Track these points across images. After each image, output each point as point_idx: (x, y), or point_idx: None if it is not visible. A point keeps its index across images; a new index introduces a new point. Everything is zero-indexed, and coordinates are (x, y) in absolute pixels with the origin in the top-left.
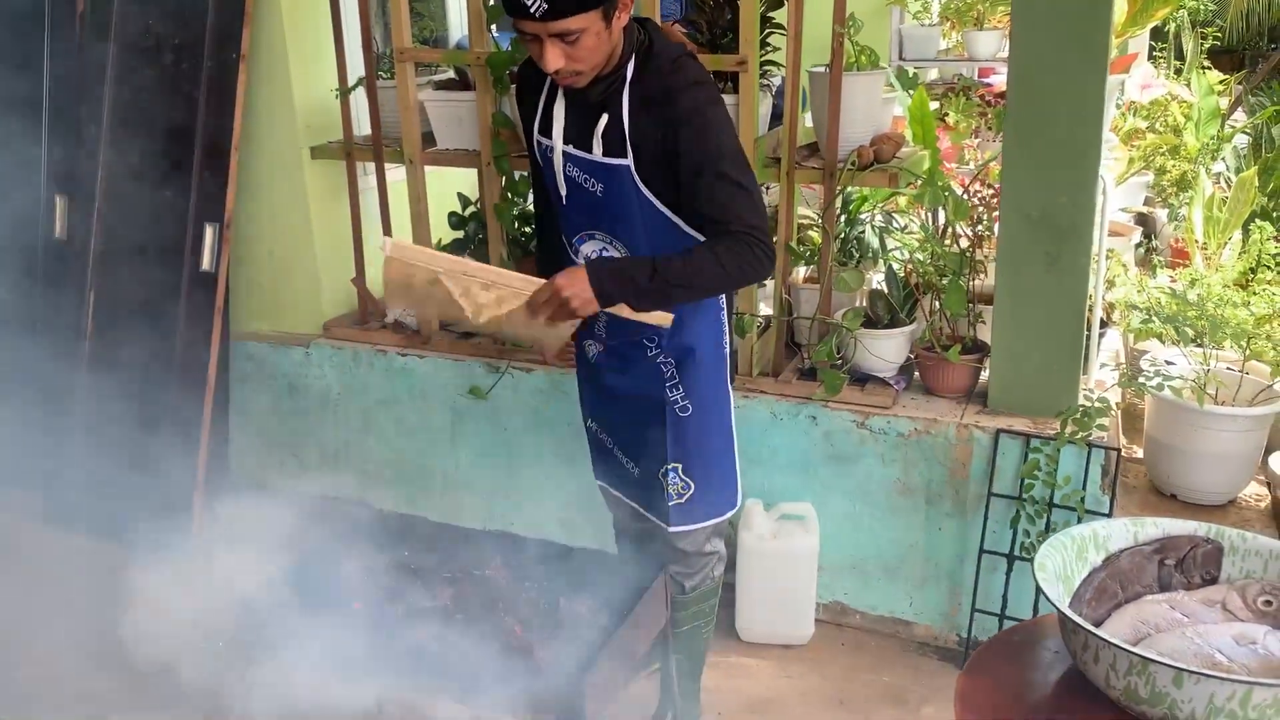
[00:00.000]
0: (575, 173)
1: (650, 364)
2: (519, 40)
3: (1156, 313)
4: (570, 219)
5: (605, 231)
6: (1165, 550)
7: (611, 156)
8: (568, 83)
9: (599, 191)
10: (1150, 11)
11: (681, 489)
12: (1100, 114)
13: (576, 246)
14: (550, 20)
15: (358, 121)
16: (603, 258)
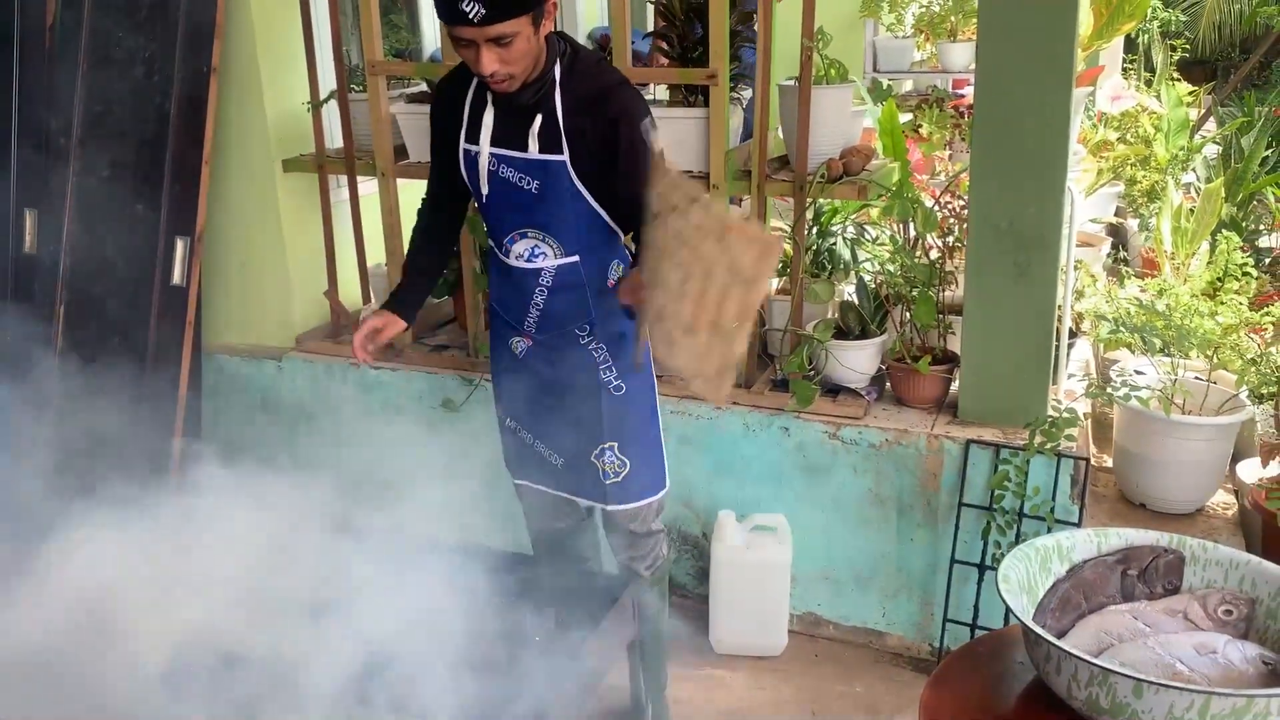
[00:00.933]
0: (509, 173)
1: (583, 351)
2: (453, 47)
3: (1124, 323)
4: (501, 219)
5: (537, 228)
6: (1128, 560)
7: (547, 153)
8: (501, 87)
9: (534, 189)
10: (1116, 25)
11: (618, 467)
12: (1066, 126)
13: (508, 246)
14: (486, 25)
15: (330, 134)
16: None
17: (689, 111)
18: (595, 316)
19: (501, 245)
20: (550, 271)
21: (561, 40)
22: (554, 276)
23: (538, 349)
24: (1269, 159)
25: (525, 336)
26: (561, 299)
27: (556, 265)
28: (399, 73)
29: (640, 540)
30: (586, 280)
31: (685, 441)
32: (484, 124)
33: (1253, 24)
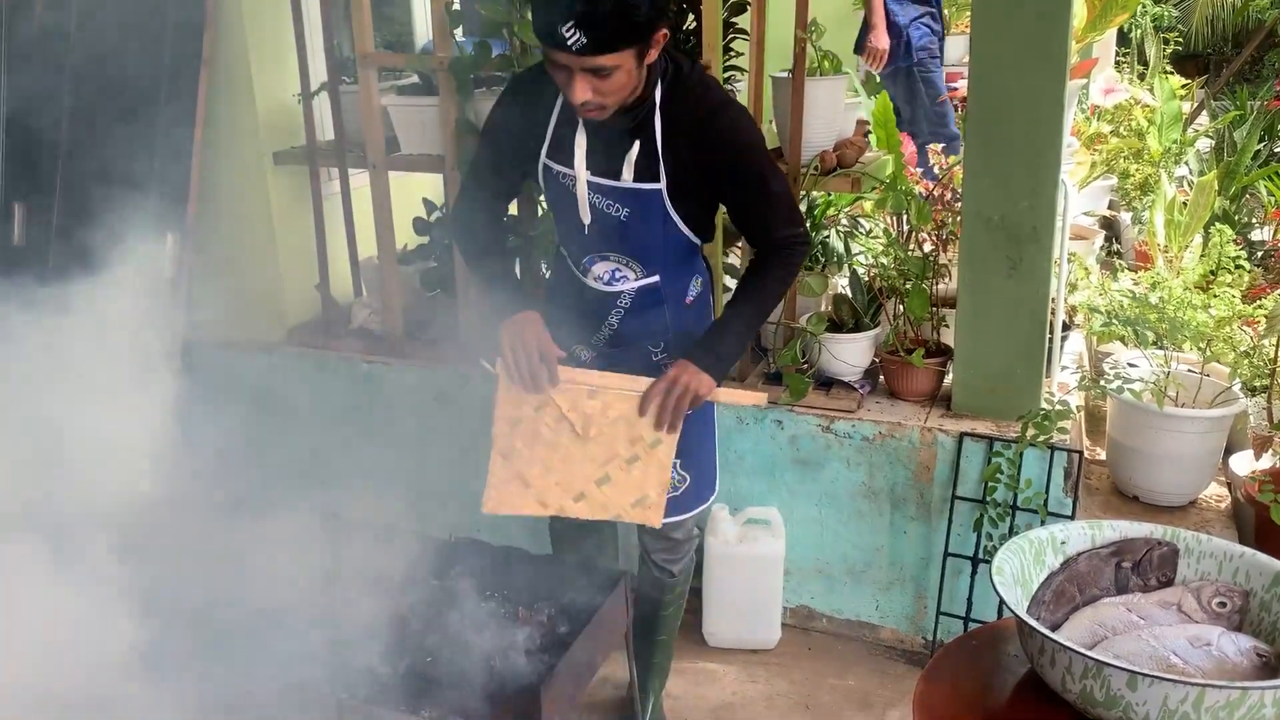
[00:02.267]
0: (595, 198)
1: (654, 367)
2: (545, 65)
3: (1117, 316)
4: (586, 242)
5: (621, 254)
6: (1122, 553)
7: (643, 182)
8: (589, 115)
9: (623, 216)
10: (1109, 17)
11: (678, 482)
12: (1060, 119)
13: (587, 266)
14: (586, 55)
15: (321, 126)
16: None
17: None
18: (672, 335)
19: (580, 264)
20: (630, 294)
21: (664, 58)
22: (633, 298)
23: (602, 362)
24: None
25: (591, 349)
26: (638, 319)
27: (637, 287)
28: (391, 64)
29: (680, 544)
30: (666, 299)
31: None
32: (576, 144)
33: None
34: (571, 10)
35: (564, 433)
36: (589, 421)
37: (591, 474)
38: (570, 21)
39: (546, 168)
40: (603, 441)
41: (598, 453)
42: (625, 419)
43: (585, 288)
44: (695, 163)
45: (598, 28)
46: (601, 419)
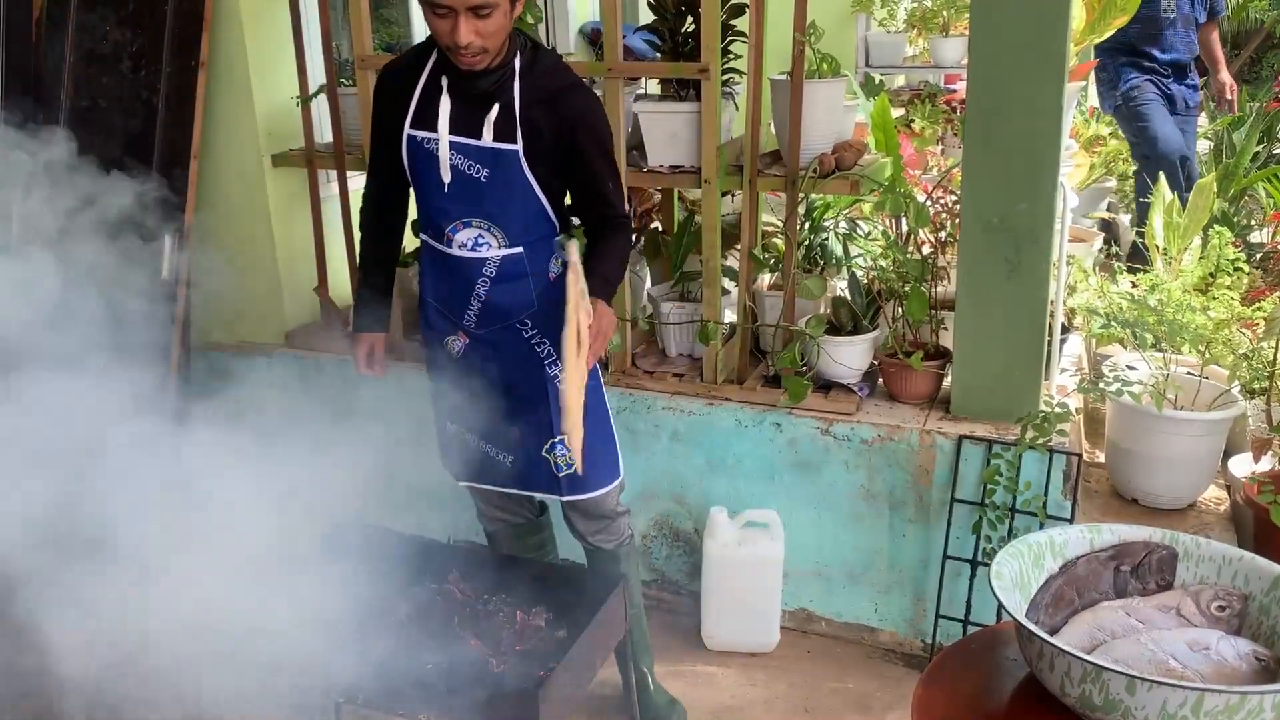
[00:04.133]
0: (459, 161)
1: (526, 346)
2: (428, 17)
3: (1116, 318)
4: (448, 208)
5: (483, 217)
6: (1121, 556)
7: (501, 142)
8: (471, 61)
9: (483, 177)
10: (1108, 20)
11: (570, 459)
12: (1059, 121)
13: (450, 236)
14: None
15: (319, 128)
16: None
17: (680, 106)
18: (539, 309)
19: (443, 235)
20: (495, 262)
21: (522, 35)
22: (498, 267)
23: (477, 346)
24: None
25: (462, 334)
26: (504, 291)
27: (501, 255)
28: None
29: (606, 522)
30: (530, 272)
31: (677, 438)
32: (440, 111)
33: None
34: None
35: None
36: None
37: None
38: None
39: (411, 138)
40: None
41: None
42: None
43: (451, 260)
44: (549, 131)
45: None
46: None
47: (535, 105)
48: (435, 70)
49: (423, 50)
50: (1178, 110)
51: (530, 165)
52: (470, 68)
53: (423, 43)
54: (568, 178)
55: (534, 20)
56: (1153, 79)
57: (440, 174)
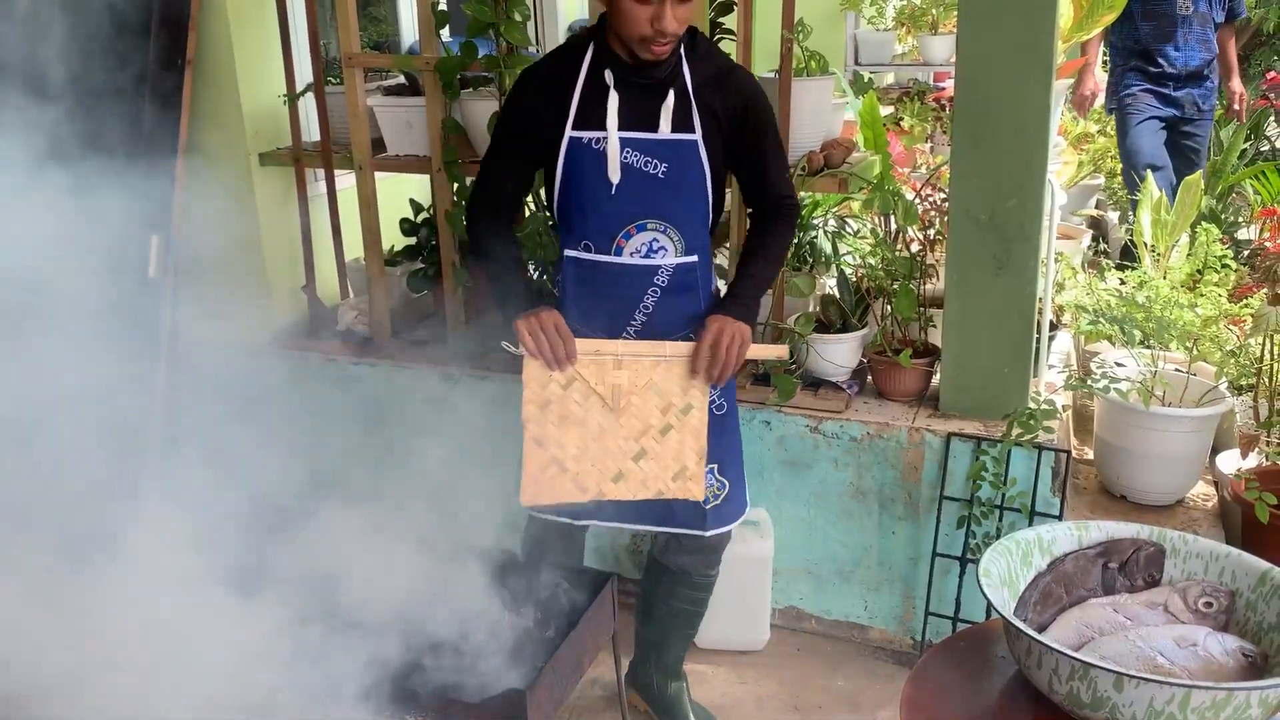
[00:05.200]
0: (634, 158)
1: None
2: (630, 4)
3: (1104, 315)
4: (623, 210)
5: (659, 218)
6: (1109, 553)
7: (680, 132)
8: (662, 51)
9: (661, 173)
10: (1096, 17)
11: (718, 490)
12: (1047, 119)
13: (622, 242)
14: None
15: (307, 126)
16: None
17: None
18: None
19: (612, 243)
20: (668, 270)
21: None
22: (670, 276)
23: None
24: (1247, 151)
25: None
26: (673, 304)
27: (675, 264)
28: (376, 65)
29: (716, 553)
30: (700, 284)
31: None
32: (609, 108)
33: None
34: None
35: (594, 409)
36: (618, 393)
37: (627, 449)
38: None
39: (574, 141)
40: (634, 413)
41: (631, 425)
42: (655, 387)
43: (614, 271)
44: (722, 112)
45: None
46: (630, 389)
47: (706, 88)
48: (595, 66)
49: (570, 50)
50: (1187, 115)
51: (707, 155)
52: (658, 57)
53: (565, 44)
54: (735, 163)
55: (522, 18)
56: (1153, 89)
57: (609, 174)
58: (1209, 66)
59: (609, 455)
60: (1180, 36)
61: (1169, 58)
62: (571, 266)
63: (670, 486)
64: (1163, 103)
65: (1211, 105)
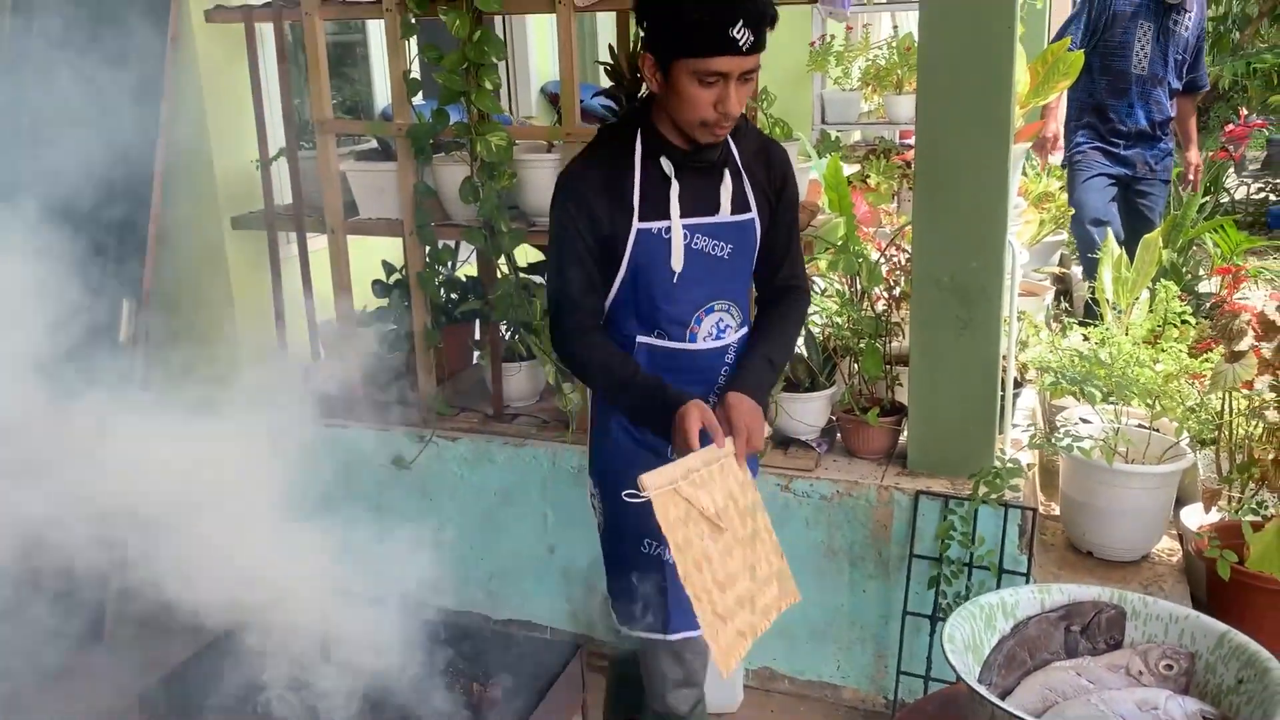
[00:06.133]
0: (702, 243)
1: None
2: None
3: (1064, 374)
4: (692, 297)
5: (725, 298)
6: (1071, 616)
7: (739, 213)
8: (724, 133)
9: (726, 254)
10: (1051, 83)
11: None
12: (1005, 182)
13: (695, 327)
14: (753, 54)
15: (279, 190)
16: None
17: None
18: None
19: (687, 329)
20: (734, 347)
21: None
22: (736, 351)
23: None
24: (1207, 205)
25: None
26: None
27: (738, 339)
28: (349, 131)
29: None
30: None
31: None
32: (672, 197)
33: None
34: (741, 11)
35: (707, 535)
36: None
37: (742, 568)
38: (740, 20)
39: (643, 233)
40: (729, 525)
41: (731, 541)
42: (729, 493)
43: (693, 357)
44: (767, 185)
45: (763, 20)
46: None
47: (753, 162)
48: (647, 153)
49: (615, 141)
50: (1139, 174)
51: (760, 230)
52: (718, 140)
53: (606, 135)
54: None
55: (493, 86)
56: (1103, 146)
57: (671, 263)
58: (1162, 129)
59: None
60: (1134, 95)
61: (1120, 115)
62: (645, 354)
63: (779, 599)
64: (1112, 161)
65: (1166, 167)
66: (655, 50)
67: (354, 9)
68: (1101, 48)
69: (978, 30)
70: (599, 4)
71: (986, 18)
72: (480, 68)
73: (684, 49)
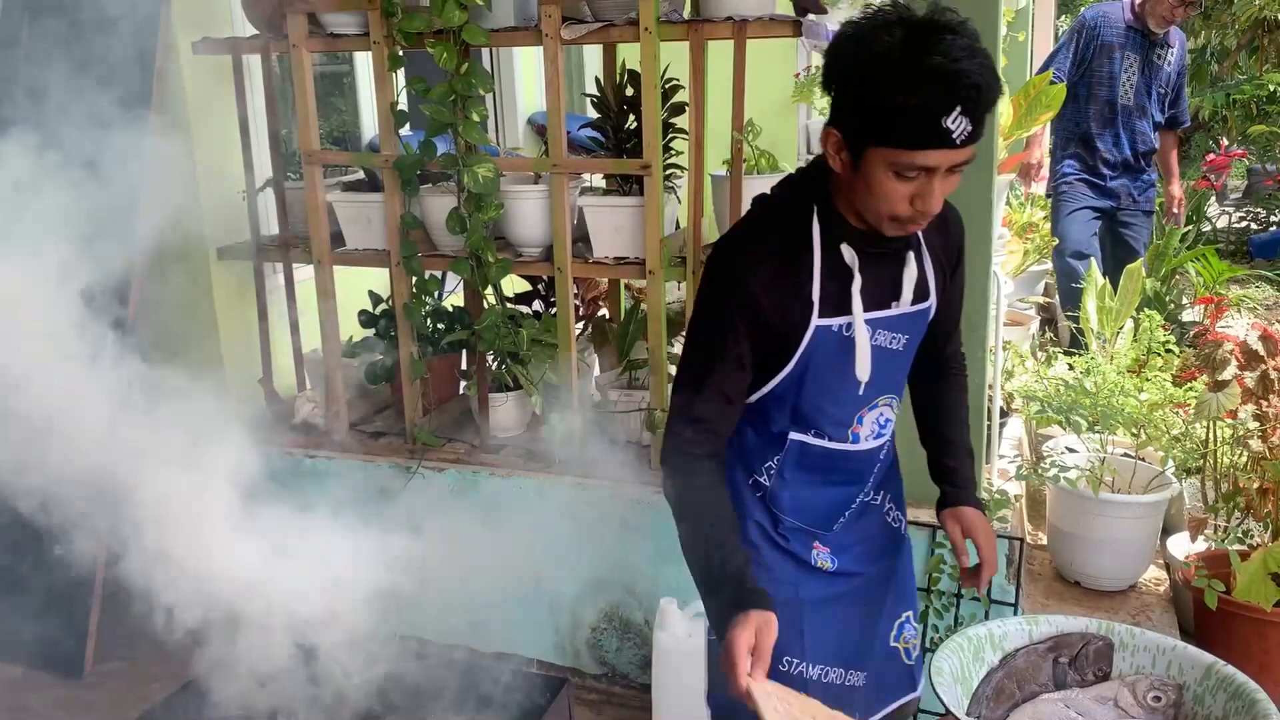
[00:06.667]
0: (882, 338)
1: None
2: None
3: (1049, 404)
4: (863, 396)
5: (891, 391)
6: (1059, 648)
7: (919, 301)
8: (916, 229)
9: (901, 346)
10: (1034, 116)
11: (912, 637)
12: (989, 214)
13: (857, 428)
14: (967, 146)
15: (266, 221)
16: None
17: (624, 200)
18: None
19: (848, 429)
20: (891, 440)
21: None
22: (889, 443)
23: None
24: (1189, 234)
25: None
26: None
27: (894, 430)
28: (335, 162)
29: None
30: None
31: (626, 526)
32: (853, 292)
33: None
34: (961, 96)
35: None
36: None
37: None
38: (959, 108)
39: (821, 330)
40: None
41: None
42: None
43: (846, 458)
44: (944, 258)
45: (986, 106)
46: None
47: (933, 235)
48: (827, 240)
49: (789, 222)
50: (1122, 205)
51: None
52: (908, 235)
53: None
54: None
55: (480, 118)
56: (1089, 178)
57: (855, 367)
58: (1146, 159)
59: None
60: (1120, 125)
61: (1107, 145)
62: (796, 451)
63: None
64: (1097, 193)
65: (1149, 199)
66: (844, 129)
67: (341, 41)
68: (1089, 77)
69: None
70: (586, 36)
71: None
72: (467, 100)
73: (883, 137)
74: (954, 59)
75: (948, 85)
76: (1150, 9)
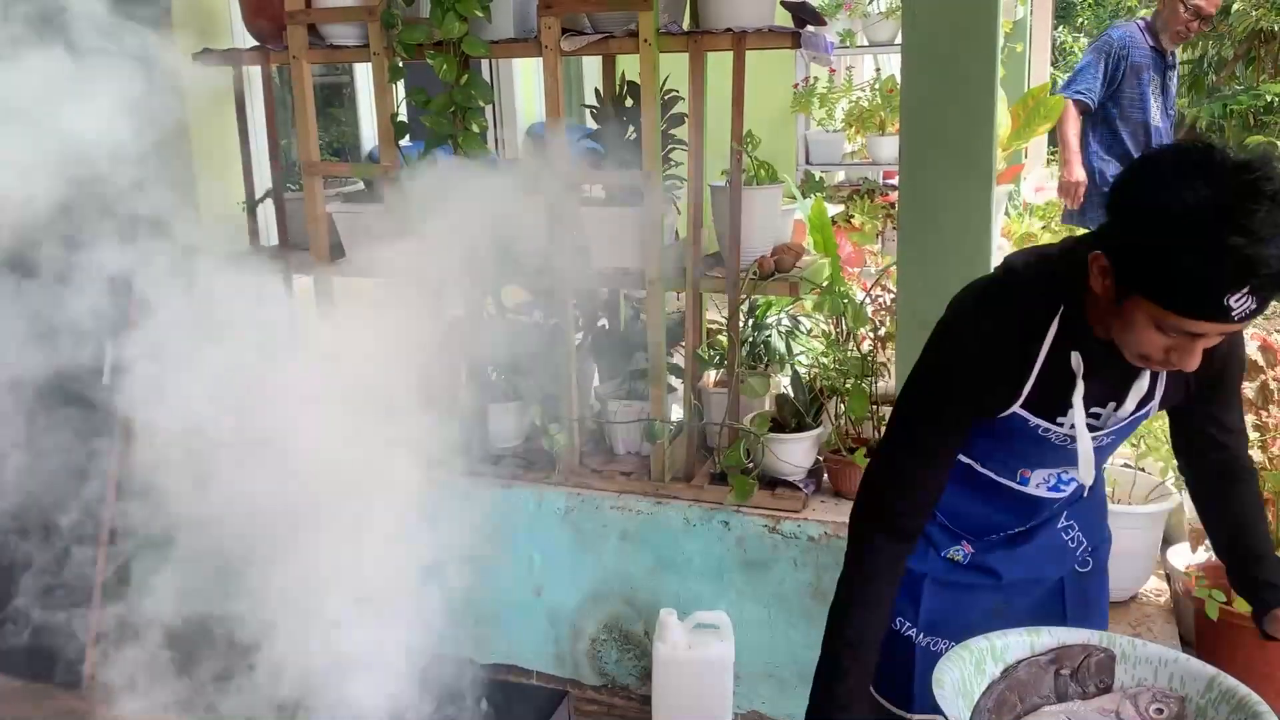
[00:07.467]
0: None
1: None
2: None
3: None
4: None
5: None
6: (1060, 660)
7: (1142, 406)
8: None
9: (1107, 443)
10: (1033, 127)
11: None
12: (988, 224)
13: (1026, 472)
14: (1245, 321)
15: (266, 230)
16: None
17: (624, 210)
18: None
19: (1017, 474)
20: (1071, 496)
21: None
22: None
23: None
24: None
25: (967, 544)
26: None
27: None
28: (335, 173)
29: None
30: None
31: (626, 537)
32: (1075, 400)
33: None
34: (1255, 283)
35: None
36: None
37: None
38: (1248, 288)
39: (1017, 417)
40: None
41: None
42: None
43: (1014, 494)
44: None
45: (1276, 293)
46: None
47: None
48: (1060, 339)
49: (1032, 313)
50: None
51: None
52: (1156, 370)
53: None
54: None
55: (479, 129)
56: None
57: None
58: None
59: None
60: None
61: None
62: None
63: None
64: None
65: None
66: (1115, 265)
67: (342, 53)
68: (1120, 99)
69: (959, 73)
70: (585, 48)
71: (967, 61)
72: (467, 111)
73: (1158, 295)
74: (1260, 238)
75: (1244, 269)
76: (1164, 26)
